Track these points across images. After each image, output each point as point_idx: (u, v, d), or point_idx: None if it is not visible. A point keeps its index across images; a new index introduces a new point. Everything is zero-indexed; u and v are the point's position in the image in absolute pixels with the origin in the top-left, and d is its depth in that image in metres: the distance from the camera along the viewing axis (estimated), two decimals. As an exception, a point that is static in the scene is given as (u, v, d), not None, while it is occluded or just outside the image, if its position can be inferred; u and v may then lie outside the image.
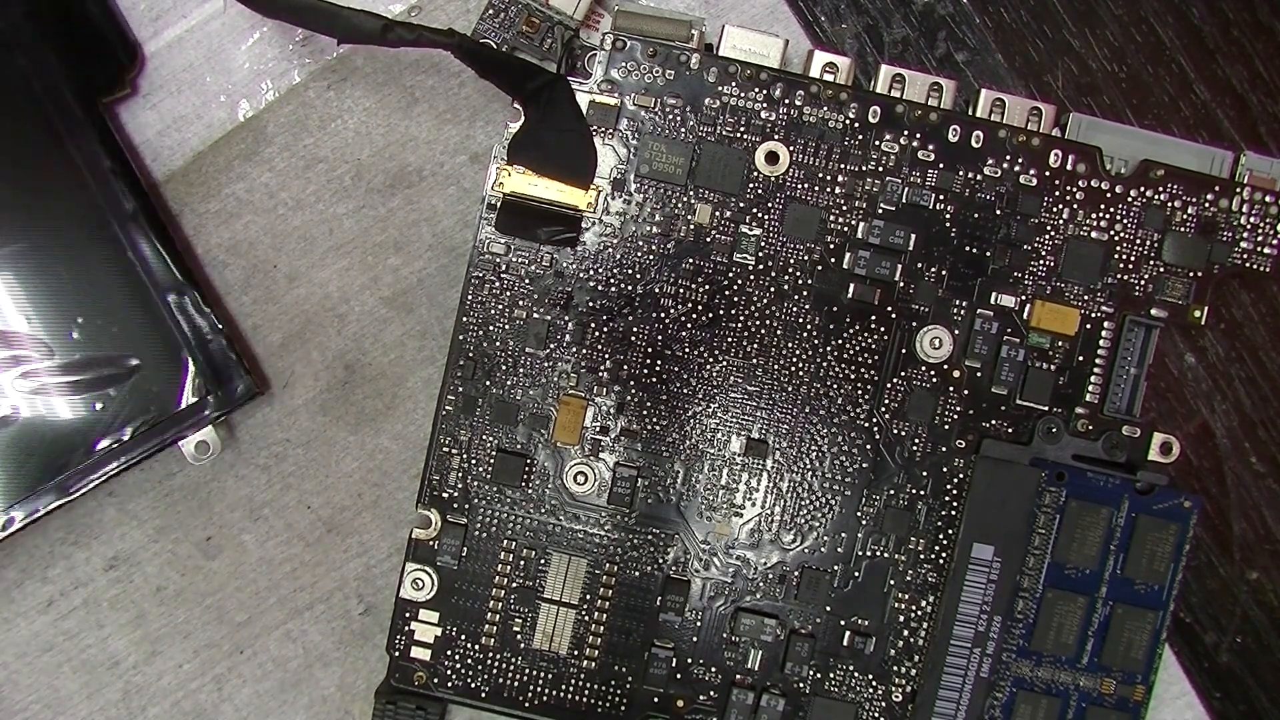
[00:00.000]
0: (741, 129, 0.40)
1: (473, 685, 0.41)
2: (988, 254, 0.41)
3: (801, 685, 0.41)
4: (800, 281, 0.41)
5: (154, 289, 0.41)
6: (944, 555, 0.41)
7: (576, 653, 0.41)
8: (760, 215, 0.41)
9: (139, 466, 0.42)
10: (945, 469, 0.41)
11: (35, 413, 0.40)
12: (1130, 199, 0.41)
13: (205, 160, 0.43)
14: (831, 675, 0.41)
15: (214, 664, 0.43)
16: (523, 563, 0.41)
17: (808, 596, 0.41)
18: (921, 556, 0.41)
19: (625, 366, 0.41)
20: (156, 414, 0.41)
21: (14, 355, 0.40)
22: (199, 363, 0.41)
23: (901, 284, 0.41)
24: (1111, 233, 0.41)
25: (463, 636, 0.41)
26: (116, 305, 0.40)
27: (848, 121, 0.40)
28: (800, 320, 0.41)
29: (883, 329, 0.41)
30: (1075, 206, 0.41)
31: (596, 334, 0.41)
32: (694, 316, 0.41)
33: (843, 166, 0.40)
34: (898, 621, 0.41)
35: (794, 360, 0.41)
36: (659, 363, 0.41)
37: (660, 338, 0.41)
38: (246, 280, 0.43)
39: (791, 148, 0.40)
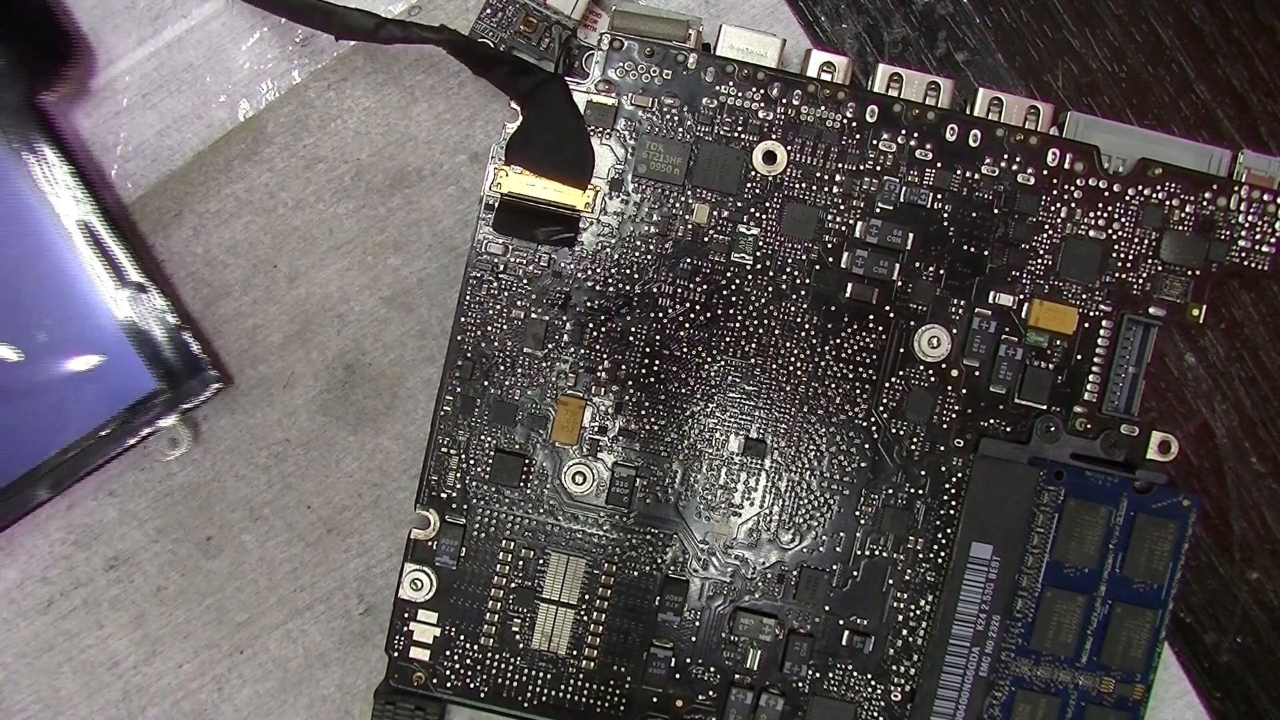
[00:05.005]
0: (739, 128, 0.40)
1: (472, 685, 0.41)
2: (986, 253, 0.41)
3: (800, 685, 0.41)
4: (798, 281, 0.41)
5: (102, 290, 0.41)
6: (943, 554, 0.41)
7: (575, 653, 0.41)
8: (758, 215, 0.41)
9: (140, 467, 0.43)
10: (944, 468, 0.41)
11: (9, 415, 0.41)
12: (1128, 198, 0.41)
13: (205, 160, 0.43)
14: (830, 675, 0.41)
15: (214, 664, 0.44)
16: (521, 563, 0.41)
17: (806, 596, 0.41)
18: (920, 556, 0.41)
19: (623, 366, 0.41)
20: (122, 411, 0.41)
21: None
22: (151, 357, 0.42)
23: (899, 283, 0.41)
24: (1109, 231, 0.41)
25: (461, 637, 0.41)
26: (76, 306, 0.41)
27: (845, 121, 0.40)
28: (798, 320, 0.41)
29: (881, 328, 0.41)
30: (1073, 205, 0.41)
31: (594, 334, 0.41)
32: (692, 316, 0.41)
33: (840, 166, 0.41)
34: (896, 621, 0.41)
35: (792, 360, 0.41)
36: (657, 362, 0.41)
37: (658, 337, 0.41)
38: (247, 280, 0.43)
39: (789, 147, 0.40)
